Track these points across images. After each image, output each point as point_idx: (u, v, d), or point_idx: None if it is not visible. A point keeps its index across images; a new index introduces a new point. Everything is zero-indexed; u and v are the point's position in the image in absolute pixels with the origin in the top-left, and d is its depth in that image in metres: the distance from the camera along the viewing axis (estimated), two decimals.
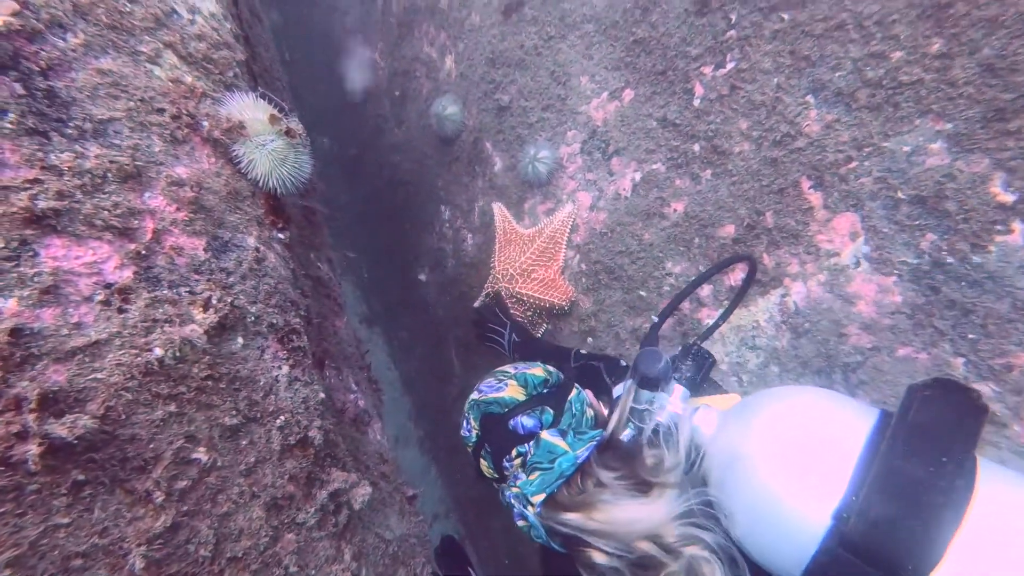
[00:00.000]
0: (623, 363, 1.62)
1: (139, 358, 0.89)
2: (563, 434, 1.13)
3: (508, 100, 2.65)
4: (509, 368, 1.33)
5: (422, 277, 3.37)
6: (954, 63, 1.36)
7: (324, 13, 4.00)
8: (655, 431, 1.09)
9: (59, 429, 0.77)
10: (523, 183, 2.62)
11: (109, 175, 0.90)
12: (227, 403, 1.03)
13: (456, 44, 2.87)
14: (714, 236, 1.98)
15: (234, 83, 1.18)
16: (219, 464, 1.01)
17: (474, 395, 1.29)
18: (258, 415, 1.08)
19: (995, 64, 1.29)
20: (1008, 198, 1.30)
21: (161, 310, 0.93)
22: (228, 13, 1.22)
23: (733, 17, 1.91)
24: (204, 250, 1.03)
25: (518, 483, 1.12)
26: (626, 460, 1.07)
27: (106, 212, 0.88)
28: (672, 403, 1.10)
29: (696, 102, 2.04)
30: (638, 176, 2.25)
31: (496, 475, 1.23)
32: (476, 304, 2.67)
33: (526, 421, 1.18)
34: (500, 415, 1.22)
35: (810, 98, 1.71)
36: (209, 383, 1.00)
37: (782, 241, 1.77)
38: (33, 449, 0.75)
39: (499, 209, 2.70)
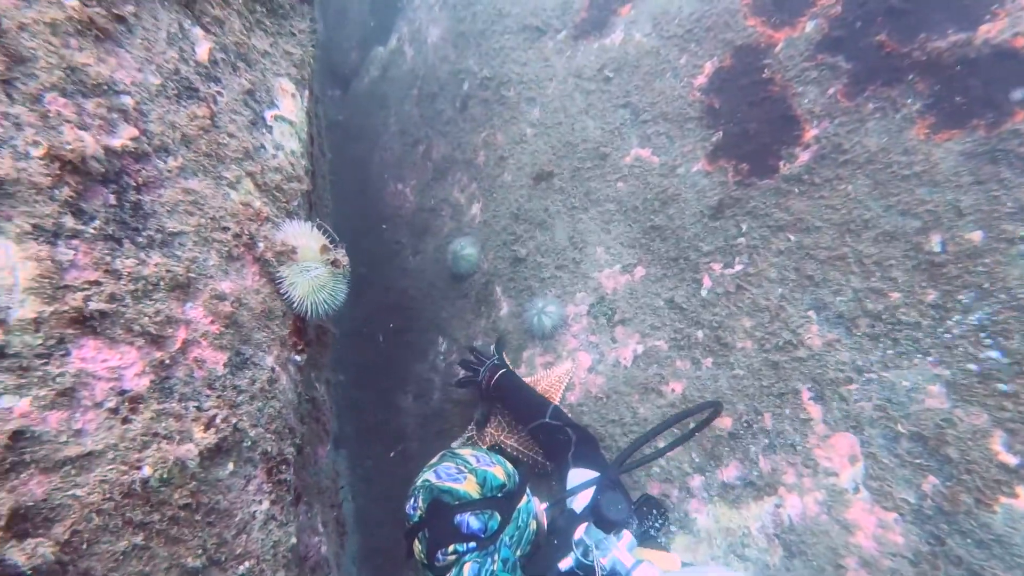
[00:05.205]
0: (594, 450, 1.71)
1: (125, 476, 0.82)
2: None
3: (525, 253, 2.80)
4: (471, 459, 1.34)
5: (404, 403, 3.27)
6: (949, 316, 1.49)
7: (367, 147, 4.36)
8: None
9: (16, 554, 0.69)
10: (526, 332, 2.67)
11: (161, 283, 0.91)
12: (196, 539, 0.93)
13: (485, 195, 3.11)
14: (710, 425, 1.98)
15: (295, 211, 1.26)
16: None
17: (429, 476, 1.30)
18: (223, 558, 0.98)
19: (987, 326, 1.42)
20: (1010, 459, 1.34)
21: (164, 424, 0.89)
22: (306, 151, 1.33)
23: (744, 227, 2.12)
24: (224, 365, 1.02)
25: None
26: None
27: (146, 318, 0.88)
28: (619, 550, 1.18)
29: (704, 292, 2.17)
30: (640, 348, 2.31)
31: (426, 561, 1.24)
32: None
33: (473, 522, 1.21)
34: (450, 505, 1.23)
35: (812, 314, 1.83)
36: (184, 513, 0.92)
37: (779, 447, 1.77)
38: None
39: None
